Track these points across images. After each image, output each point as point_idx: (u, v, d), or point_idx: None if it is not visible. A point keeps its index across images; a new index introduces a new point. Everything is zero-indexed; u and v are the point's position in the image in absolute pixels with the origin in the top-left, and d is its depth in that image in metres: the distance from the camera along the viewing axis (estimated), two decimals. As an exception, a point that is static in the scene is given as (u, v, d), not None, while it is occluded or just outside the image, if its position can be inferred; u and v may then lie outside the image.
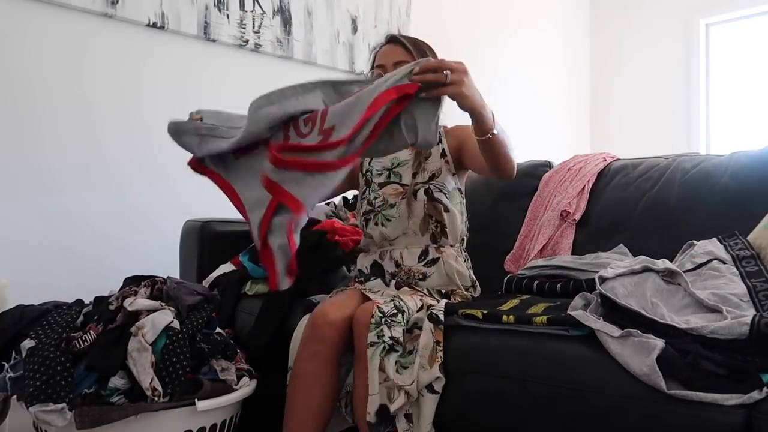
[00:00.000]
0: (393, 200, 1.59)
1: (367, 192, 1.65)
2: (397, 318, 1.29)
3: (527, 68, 3.82)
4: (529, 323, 1.18)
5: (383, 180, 1.62)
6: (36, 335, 1.31)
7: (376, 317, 1.27)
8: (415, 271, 1.55)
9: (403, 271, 1.56)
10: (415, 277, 1.55)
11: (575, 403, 1.05)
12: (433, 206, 1.58)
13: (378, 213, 1.61)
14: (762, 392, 0.90)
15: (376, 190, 1.62)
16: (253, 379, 1.44)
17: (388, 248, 1.61)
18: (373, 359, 1.23)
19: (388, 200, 1.59)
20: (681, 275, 1.16)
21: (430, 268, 1.55)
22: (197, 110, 1.38)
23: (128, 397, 1.25)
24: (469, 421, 1.19)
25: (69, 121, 1.99)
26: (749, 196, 1.53)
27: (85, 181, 2.03)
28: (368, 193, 1.64)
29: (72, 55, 2.00)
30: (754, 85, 3.80)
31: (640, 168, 1.81)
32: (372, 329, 1.26)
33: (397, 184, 1.60)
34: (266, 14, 2.45)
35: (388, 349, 1.24)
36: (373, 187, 1.64)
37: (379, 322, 1.26)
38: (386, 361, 1.23)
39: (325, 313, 1.33)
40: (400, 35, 1.63)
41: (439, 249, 1.56)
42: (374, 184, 1.64)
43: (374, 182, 1.64)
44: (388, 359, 1.23)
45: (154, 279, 1.49)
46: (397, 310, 1.30)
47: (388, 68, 1.53)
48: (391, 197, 1.59)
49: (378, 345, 1.24)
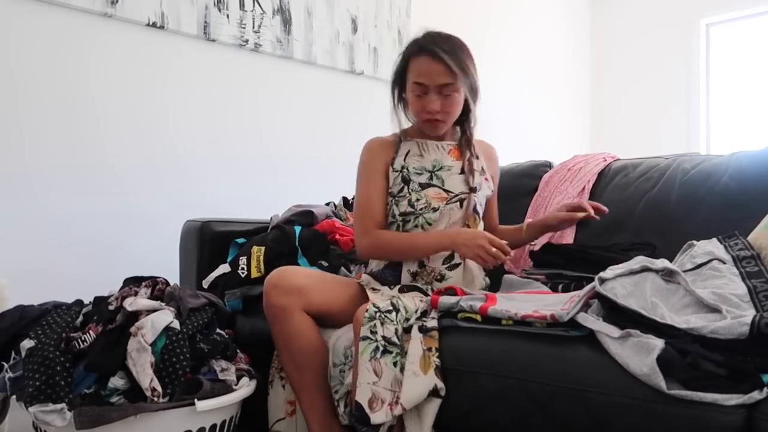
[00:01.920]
0: (436, 204, 1.56)
1: (407, 191, 1.57)
2: (391, 315, 1.27)
3: (528, 68, 3.82)
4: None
5: (425, 181, 1.58)
6: (36, 335, 1.30)
7: (370, 311, 1.26)
8: (436, 272, 1.55)
9: (426, 271, 1.55)
10: (433, 277, 1.55)
11: (575, 403, 1.05)
12: (473, 218, 1.60)
13: (419, 216, 1.56)
14: (762, 392, 0.90)
15: (418, 191, 1.57)
16: (253, 379, 1.44)
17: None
18: (364, 353, 1.22)
19: (431, 204, 1.56)
20: (680, 274, 1.16)
21: (451, 272, 1.55)
22: None
23: (128, 397, 1.25)
24: (469, 422, 1.19)
25: (68, 121, 1.99)
26: (749, 196, 1.53)
27: (85, 181, 2.03)
28: (408, 193, 1.57)
29: (72, 55, 2.00)
30: (754, 85, 3.79)
31: (640, 168, 1.81)
32: (365, 323, 1.25)
33: (439, 188, 1.57)
34: (266, 14, 2.45)
35: (382, 350, 1.23)
36: (414, 186, 1.57)
37: (373, 317, 1.26)
38: (383, 363, 1.21)
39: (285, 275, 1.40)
40: (439, 47, 1.50)
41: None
42: (414, 183, 1.58)
43: (414, 181, 1.58)
44: (385, 361, 1.22)
45: (155, 279, 1.49)
46: (393, 308, 1.30)
47: (431, 90, 1.50)
48: (434, 201, 1.56)
49: (370, 341, 1.23)
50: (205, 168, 2.33)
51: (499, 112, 3.59)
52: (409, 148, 1.62)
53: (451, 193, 1.58)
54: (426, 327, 1.27)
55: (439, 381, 1.19)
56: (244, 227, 2.02)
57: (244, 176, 2.44)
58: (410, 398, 1.17)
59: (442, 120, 1.55)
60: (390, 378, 1.21)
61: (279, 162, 2.54)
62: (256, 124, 2.48)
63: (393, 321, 1.27)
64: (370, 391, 1.19)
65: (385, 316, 1.27)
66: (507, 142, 3.55)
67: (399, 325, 1.27)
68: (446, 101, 1.52)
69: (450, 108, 1.53)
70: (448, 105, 1.52)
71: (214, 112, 2.35)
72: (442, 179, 1.58)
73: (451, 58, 1.48)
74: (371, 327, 1.25)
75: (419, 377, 1.19)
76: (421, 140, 1.63)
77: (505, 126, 3.63)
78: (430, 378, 1.19)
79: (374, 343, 1.23)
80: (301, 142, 2.61)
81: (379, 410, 1.18)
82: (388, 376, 1.21)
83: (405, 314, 1.31)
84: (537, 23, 3.91)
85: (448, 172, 1.59)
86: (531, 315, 1.17)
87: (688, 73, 3.97)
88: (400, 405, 1.17)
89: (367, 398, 1.19)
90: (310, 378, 1.38)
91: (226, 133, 2.39)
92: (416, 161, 1.60)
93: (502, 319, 1.21)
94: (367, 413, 1.17)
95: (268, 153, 2.51)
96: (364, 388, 1.20)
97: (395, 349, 1.23)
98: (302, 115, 2.62)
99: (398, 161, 1.60)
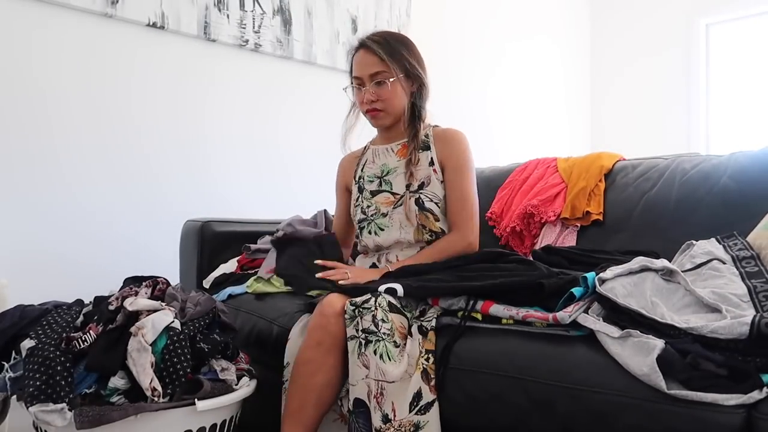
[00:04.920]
0: (385, 209, 1.59)
1: (360, 200, 1.64)
2: (368, 304, 1.26)
3: (527, 68, 3.82)
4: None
5: (375, 188, 1.62)
6: (36, 335, 1.30)
7: (349, 312, 1.26)
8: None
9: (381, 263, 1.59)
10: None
11: (575, 403, 1.05)
12: (425, 216, 1.57)
13: (371, 222, 1.61)
14: (762, 392, 0.90)
15: (369, 198, 1.62)
16: (253, 379, 1.44)
17: (384, 252, 1.63)
18: (353, 353, 1.24)
19: (381, 209, 1.59)
20: (679, 274, 1.17)
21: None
22: None
23: (128, 397, 1.25)
24: (469, 422, 1.19)
25: (68, 121, 1.99)
26: (749, 196, 1.53)
27: (84, 180, 2.03)
28: (361, 201, 1.64)
29: (72, 55, 2.00)
30: (754, 85, 3.80)
31: (639, 168, 1.81)
32: (348, 324, 1.26)
33: (388, 193, 1.59)
34: (266, 14, 2.45)
35: (365, 343, 1.23)
36: (366, 194, 1.63)
37: (353, 315, 1.26)
38: (368, 355, 1.22)
39: (333, 302, 1.32)
40: (370, 39, 1.59)
41: None
42: (366, 191, 1.63)
43: (366, 189, 1.63)
44: (369, 352, 1.22)
45: (155, 279, 1.48)
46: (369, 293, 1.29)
47: (365, 81, 1.55)
48: (383, 206, 1.59)
49: (356, 339, 1.24)
50: (202, 167, 2.33)
51: (499, 113, 3.59)
52: (367, 157, 1.67)
53: (398, 195, 1.59)
54: (425, 328, 1.27)
55: (424, 385, 1.19)
56: (244, 227, 2.02)
57: (244, 176, 2.44)
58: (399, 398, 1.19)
59: (382, 109, 1.58)
60: (374, 367, 1.21)
61: (278, 162, 2.55)
62: (256, 124, 2.48)
63: (370, 308, 1.25)
64: (365, 386, 1.22)
65: (362, 308, 1.26)
66: (506, 143, 3.56)
67: (379, 310, 1.25)
68: (380, 90, 1.56)
69: (385, 96, 1.56)
70: (383, 93, 1.56)
71: (214, 112, 2.35)
72: (390, 183, 1.60)
73: (380, 47, 1.55)
74: (355, 326, 1.25)
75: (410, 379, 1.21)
76: (375, 147, 1.67)
77: (504, 127, 3.63)
78: (416, 381, 1.19)
79: (358, 339, 1.24)
80: (301, 142, 2.61)
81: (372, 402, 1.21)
82: (372, 366, 1.22)
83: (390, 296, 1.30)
84: (537, 23, 3.91)
85: (395, 173, 1.61)
86: (532, 315, 1.17)
87: (688, 73, 3.97)
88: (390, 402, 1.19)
89: (365, 393, 1.22)
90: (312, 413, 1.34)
91: (224, 133, 2.39)
92: (369, 169, 1.64)
93: (502, 318, 1.21)
94: (369, 406, 1.20)
95: (268, 153, 2.51)
96: (360, 384, 1.22)
97: (373, 337, 1.23)
98: (302, 115, 2.62)
99: (358, 172, 1.67)
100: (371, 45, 1.56)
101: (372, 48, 1.55)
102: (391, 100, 1.58)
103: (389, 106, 1.58)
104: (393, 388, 1.20)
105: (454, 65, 3.27)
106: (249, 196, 2.44)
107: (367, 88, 1.56)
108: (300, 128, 2.61)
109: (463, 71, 3.34)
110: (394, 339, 1.24)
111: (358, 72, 1.58)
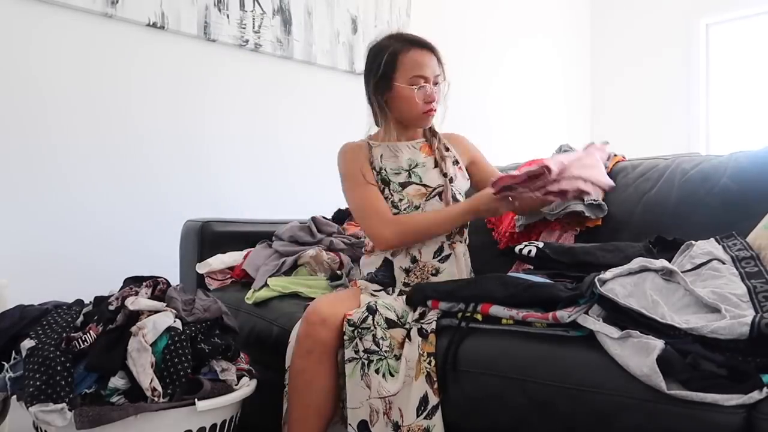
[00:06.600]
0: (417, 201, 1.56)
1: (388, 192, 1.58)
2: (366, 323, 1.27)
3: (527, 68, 3.82)
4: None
5: (403, 180, 1.58)
6: (36, 335, 1.30)
7: (348, 333, 1.26)
8: (429, 266, 1.55)
9: (418, 266, 1.55)
10: (428, 272, 1.55)
11: (575, 403, 1.05)
12: None
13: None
14: (762, 392, 0.90)
15: (399, 191, 1.57)
16: (253, 379, 1.44)
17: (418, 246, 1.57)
18: (353, 375, 1.24)
19: (413, 201, 1.56)
20: (679, 274, 1.16)
21: (443, 264, 1.56)
22: None
23: (128, 397, 1.25)
24: (469, 422, 1.19)
25: (68, 121, 1.99)
26: (749, 196, 1.53)
27: (84, 180, 2.03)
28: (390, 194, 1.58)
29: (72, 55, 2.00)
30: (754, 85, 3.80)
31: (639, 168, 1.81)
32: (347, 345, 1.26)
33: (418, 185, 1.57)
34: (266, 14, 2.45)
35: (367, 363, 1.23)
36: (394, 186, 1.57)
37: (352, 336, 1.26)
38: (370, 374, 1.23)
39: (318, 310, 1.32)
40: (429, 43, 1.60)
41: (451, 245, 1.58)
42: (394, 183, 1.58)
43: (393, 182, 1.58)
44: (371, 371, 1.23)
45: (156, 279, 1.48)
46: (368, 312, 1.29)
47: (429, 81, 1.56)
48: (415, 199, 1.57)
49: (356, 361, 1.24)
50: (202, 167, 2.33)
51: (499, 113, 3.59)
52: (381, 151, 1.62)
53: (430, 188, 1.58)
54: (425, 331, 1.27)
55: (429, 388, 1.19)
56: (244, 227, 2.02)
57: (244, 176, 2.44)
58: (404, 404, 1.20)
59: (435, 110, 1.61)
60: (377, 386, 1.22)
61: (278, 162, 2.55)
62: (256, 124, 2.48)
63: (369, 327, 1.26)
64: (368, 407, 1.22)
65: (360, 329, 1.27)
66: (506, 143, 3.56)
67: (378, 328, 1.27)
68: (438, 93, 1.60)
69: (438, 98, 1.61)
70: (438, 96, 1.61)
71: (214, 112, 2.35)
72: (420, 176, 1.59)
73: (438, 53, 1.60)
74: (354, 347, 1.25)
75: (413, 383, 1.21)
76: (391, 143, 1.63)
77: (504, 127, 3.63)
78: (421, 385, 1.20)
79: (359, 361, 1.24)
80: (301, 142, 2.61)
81: (378, 422, 1.21)
82: (375, 385, 1.22)
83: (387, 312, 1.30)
84: (537, 22, 3.91)
85: (423, 168, 1.60)
86: (532, 315, 1.17)
87: (688, 73, 3.97)
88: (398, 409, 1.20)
89: (368, 414, 1.22)
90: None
91: (224, 133, 2.39)
92: (392, 162, 1.60)
93: (502, 318, 1.21)
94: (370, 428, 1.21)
95: (268, 153, 2.51)
96: (364, 406, 1.22)
97: (375, 357, 1.24)
98: (302, 116, 2.62)
99: (375, 163, 1.60)
100: (435, 49, 1.60)
101: (436, 52, 1.59)
102: (438, 102, 1.62)
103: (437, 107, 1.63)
104: (397, 396, 1.21)
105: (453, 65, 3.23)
106: (249, 196, 2.44)
107: (431, 88, 1.58)
108: (300, 128, 2.62)
109: (463, 71, 3.34)
110: (395, 353, 1.25)
111: (426, 72, 1.56)
